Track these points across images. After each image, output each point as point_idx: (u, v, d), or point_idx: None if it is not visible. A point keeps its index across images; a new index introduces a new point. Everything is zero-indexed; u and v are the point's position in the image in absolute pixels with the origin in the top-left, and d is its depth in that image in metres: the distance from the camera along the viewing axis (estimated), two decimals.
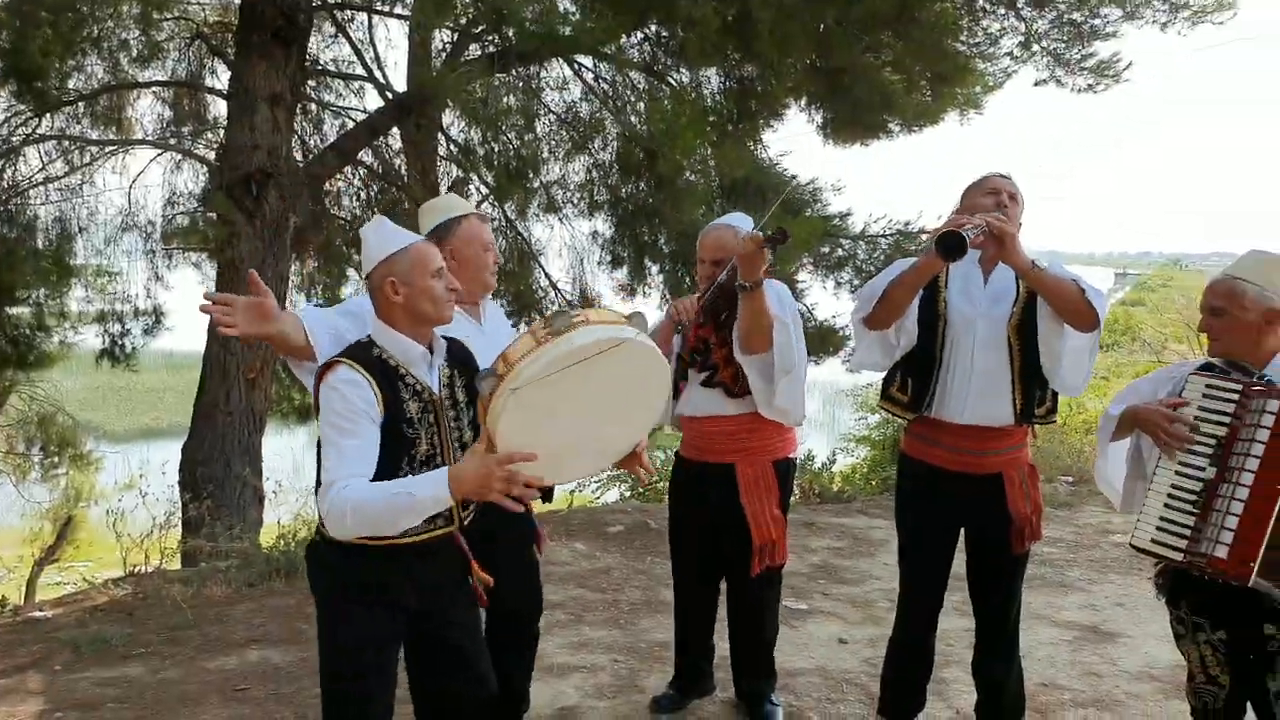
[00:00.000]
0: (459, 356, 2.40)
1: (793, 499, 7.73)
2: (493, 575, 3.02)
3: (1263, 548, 2.26)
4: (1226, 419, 2.35)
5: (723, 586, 3.58)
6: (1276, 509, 2.26)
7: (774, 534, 3.30)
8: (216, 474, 6.58)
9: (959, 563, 3.20)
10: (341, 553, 2.23)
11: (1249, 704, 2.59)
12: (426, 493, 2.04)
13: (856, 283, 7.38)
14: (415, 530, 2.21)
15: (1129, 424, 2.60)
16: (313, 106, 7.96)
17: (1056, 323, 2.84)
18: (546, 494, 3.14)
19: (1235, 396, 2.35)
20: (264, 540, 6.29)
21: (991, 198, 2.96)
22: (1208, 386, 2.40)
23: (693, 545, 3.50)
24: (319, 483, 2.22)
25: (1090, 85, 7.77)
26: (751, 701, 3.56)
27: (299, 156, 7.41)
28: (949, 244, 2.58)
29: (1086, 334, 2.83)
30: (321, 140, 7.97)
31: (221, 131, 7.05)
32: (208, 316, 2.32)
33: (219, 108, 7.87)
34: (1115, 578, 5.64)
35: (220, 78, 7.89)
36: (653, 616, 4.65)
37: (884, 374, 3.23)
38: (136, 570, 5.69)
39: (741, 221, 3.35)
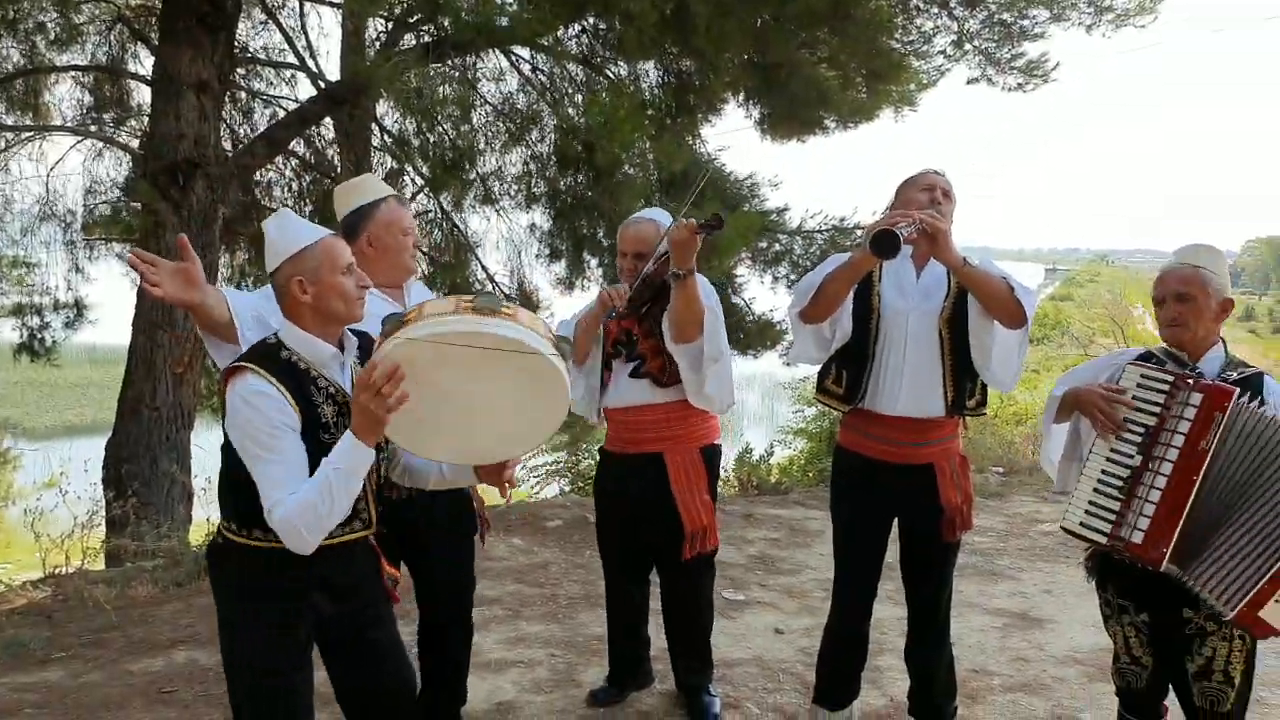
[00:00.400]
0: (369, 354, 2.29)
1: (732, 492, 7.83)
2: (428, 564, 3.05)
3: (1175, 535, 2.35)
4: (1156, 409, 2.42)
5: (655, 578, 3.58)
6: (1191, 498, 2.33)
7: (704, 520, 3.32)
8: (142, 471, 6.38)
9: (893, 552, 3.25)
10: (248, 556, 2.15)
11: (1170, 685, 2.68)
12: (345, 459, 2.00)
13: (793, 277, 7.45)
14: (331, 535, 2.12)
15: (1070, 405, 2.67)
16: (242, 95, 7.75)
17: (986, 319, 2.90)
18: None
19: (1166, 387, 2.42)
20: (194, 538, 6.13)
21: (926, 194, 3.00)
22: (1142, 376, 2.47)
23: (621, 538, 3.51)
24: (224, 482, 2.17)
25: (1020, 85, 7.96)
26: (689, 693, 3.57)
27: (228, 146, 7.22)
28: (882, 243, 2.60)
29: (1015, 330, 2.89)
30: (251, 130, 7.78)
31: (145, 119, 6.84)
32: (132, 310, 2.27)
33: (143, 94, 7.64)
34: (1044, 565, 5.79)
35: (144, 63, 7.65)
36: (591, 610, 4.64)
37: (820, 367, 3.25)
38: (57, 571, 5.49)
39: (661, 216, 3.35)
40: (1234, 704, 2.46)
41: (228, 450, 2.13)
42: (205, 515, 6.66)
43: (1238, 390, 2.34)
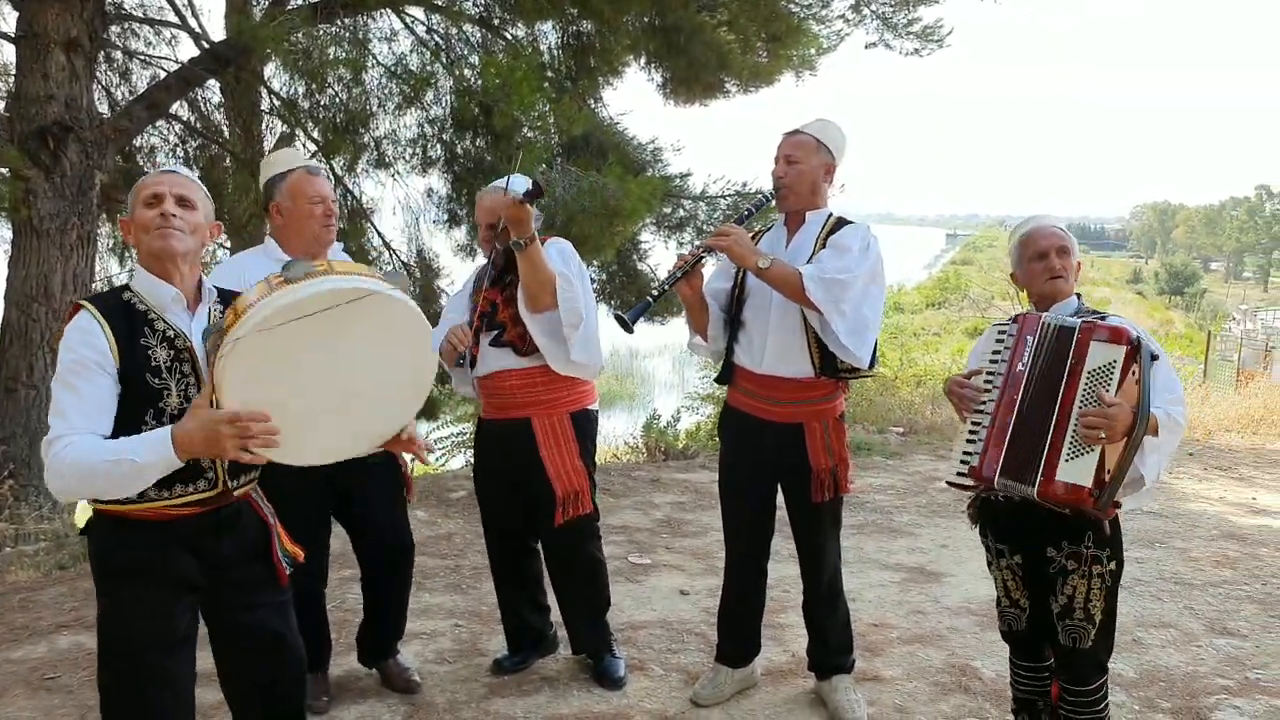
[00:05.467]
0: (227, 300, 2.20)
1: (640, 458, 7.84)
2: (364, 511, 3.20)
3: (1003, 451, 2.49)
4: (1003, 352, 2.58)
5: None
6: (1014, 416, 2.49)
7: (576, 484, 3.32)
8: (20, 452, 6.05)
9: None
10: (112, 527, 2.07)
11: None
12: (149, 457, 1.89)
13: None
14: (173, 493, 2.04)
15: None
16: (117, 55, 7.33)
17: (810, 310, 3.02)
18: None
19: (1006, 333, 2.60)
20: (78, 519, 5.86)
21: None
22: (998, 332, 2.65)
23: (499, 502, 3.51)
24: None
25: (916, 50, 8.09)
26: (593, 656, 3.57)
27: (104, 109, 6.82)
28: (619, 323, 3.02)
29: (819, 315, 2.97)
30: (129, 92, 7.36)
31: (10, 79, 6.41)
32: (3, 283, 2.21)
33: (7, 52, 7.17)
34: (941, 521, 5.97)
35: (7, 20, 7.17)
36: None
37: None
38: None
39: (515, 184, 3.28)
40: (1095, 641, 2.56)
41: None
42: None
43: (1044, 314, 2.53)
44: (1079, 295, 2.70)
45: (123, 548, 2.07)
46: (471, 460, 8.35)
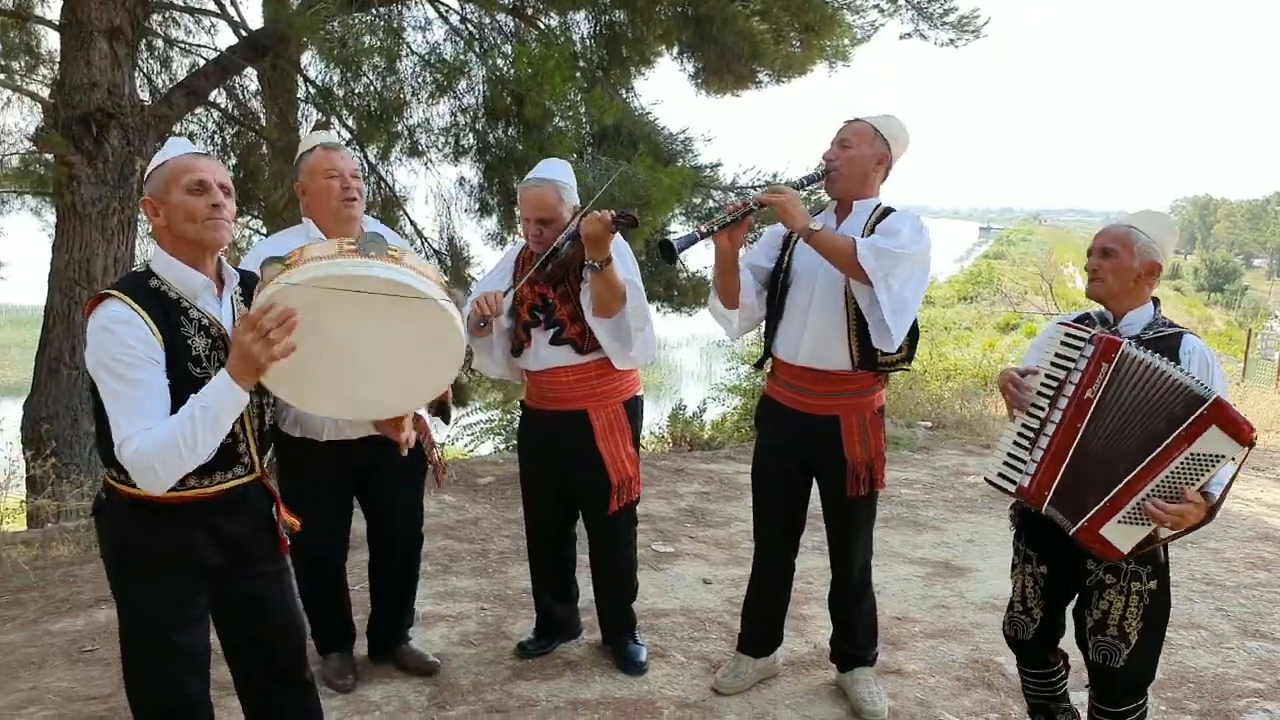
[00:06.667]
0: (252, 291, 2.21)
1: (665, 448, 7.87)
2: (380, 495, 3.25)
3: (1057, 478, 2.43)
4: (1069, 364, 2.46)
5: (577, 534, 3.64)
6: (1074, 445, 2.41)
7: (629, 471, 3.36)
8: (63, 431, 6.19)
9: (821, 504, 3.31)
10: (131, 512, 2.04)
11: (1055, 639, 2.79)
12: (218, 399, 1.90)
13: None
14: (213, 480, 2.07)
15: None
16: (158, 43, 7.44)
17: (859, 282, 2.95)
18: (444, 414, 3.23)
19: (1078, 344, 2.47)
20: None
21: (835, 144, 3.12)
22: (1065, 334, 2.51)
23: (545, 491, 3.51)
24: (101, 437, 2.03)
25: (951, 40, 8.00)
26: (616, 642, 3.61)
27: (145, 96, 6.94)
28: (663, 251, 2.84)
29: (869, 288, 2.90)
30: (170, 79, 7.47)
31: (55, 66, 6.53)
32: (48, 266, 2.23)
33: (52, 40, 7.29)
34: (968, 516, 5.95)
35: (52, 7, 7.30)
36: (520, 564, 4.65)
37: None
38: None
39: (559, 174, 3.27)
40: (1128, 661, 2.50)
41: (98, 400, 2.01)
42: None
43: (1126, 342, 2.38)
44: (1156, 302, 2.59)
45: (143, 541, 2.07)
46: (500, 447, 8.47)
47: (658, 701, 3.35)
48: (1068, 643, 2.82)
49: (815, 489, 3.31)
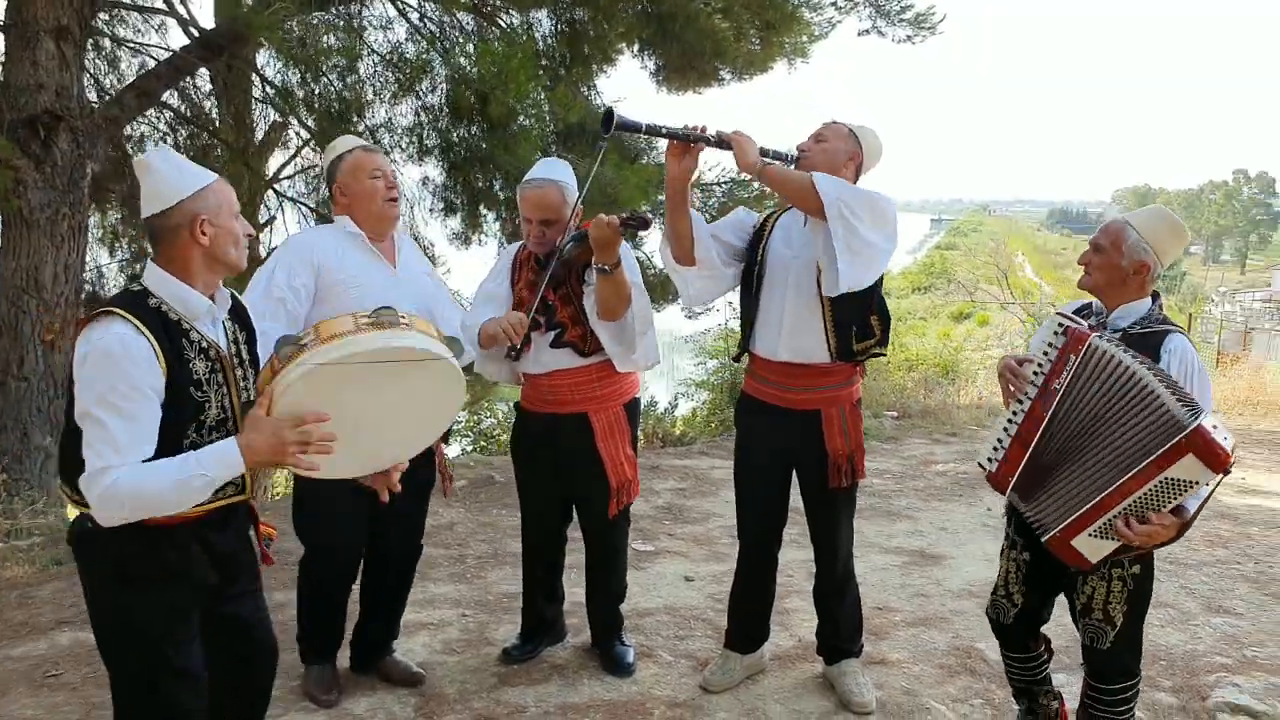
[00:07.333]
0: (240, 314, 2.21)
1: (639, 446, 7.86)
2: (387, 506, 3.11)
3: (1020, 467, 2.46)
4: (1053, 352, 2.47)
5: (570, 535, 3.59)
6: (1038, 434, 2.43)
7: (629, 474, 3.34)
8: (12, 446, 6.00)
9: (800, 497, 3.32)
10: (124, 537, 1.96)
11: (1039, 625, 2.83)
12: (219, 471, 1.89)
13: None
14: (213, 505, 2.05)
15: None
16: (105, 42, 7.24)
17: (817, 228, 2.90)
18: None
19: (1062, 331, 2.47)
20: (73, 513, 5.81)
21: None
22: (1059, 324, 2.50)
23: (543, 495, 3.48)
24: (65, 457, 1.97)
25: (909, 36, 8.07)
26: (603, 644, 3.59)
27: (93, 97, 6.75)
28: (605, 118, 2.75)
29: (823, 223, 2.84)
30: (118, 80, 7.28)
31: (0, 68, 6.33)
32: None
33: None
34: (939, 505, 6.02)
35: None
36: (500, 569, 4.61)
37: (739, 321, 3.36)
38: None
39: (560, 174, 3.25)
40: (1115, 642, 2.55)
41: (71, 413, 1.94)
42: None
43: (1094, 335, 2.39)
44: (1155, 296, 2.58)
45: (143, 556, 2.02)
46: (468, 449, 8.39)
47: (648, 702, 3.33)
48: (1052, 625, 2.87)
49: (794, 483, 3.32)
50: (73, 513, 2.08)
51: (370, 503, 3.16)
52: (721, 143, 2.93)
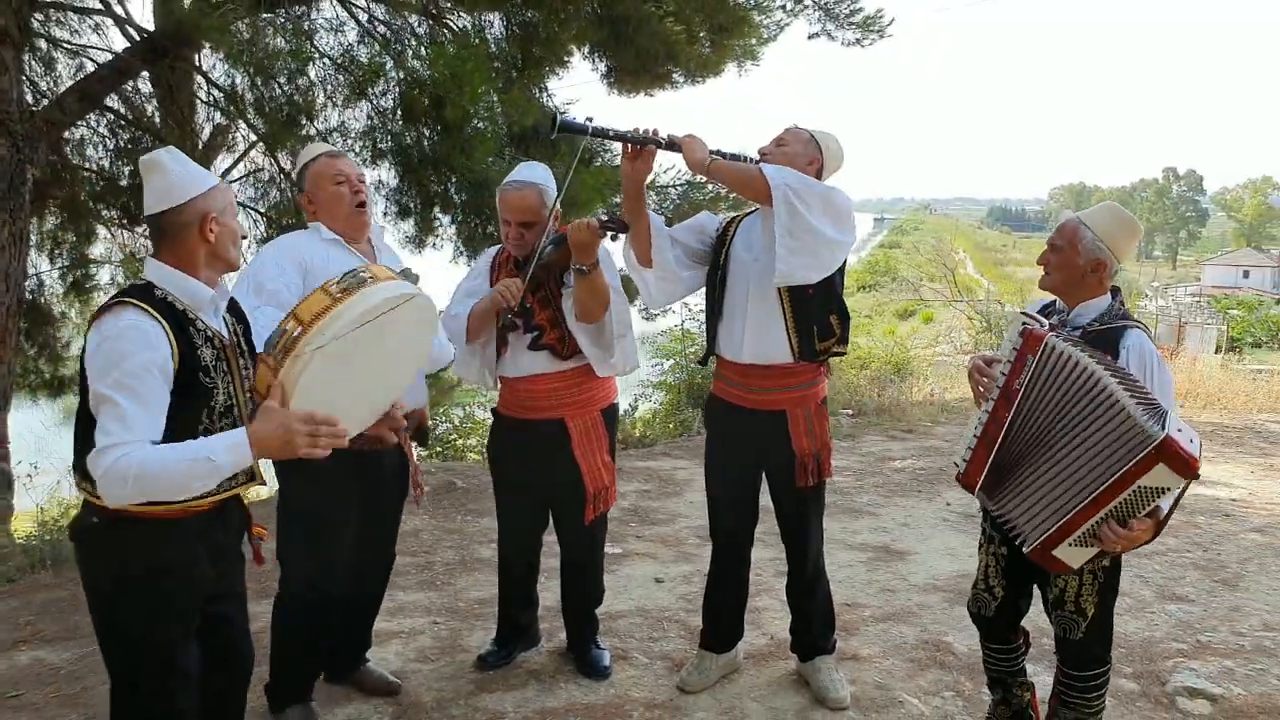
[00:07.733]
0: (234, 308, 2.28)
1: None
2: (368, 513, 3.13)
3: (986, 466, 2.51)
4: (1014, 354, 2.50)
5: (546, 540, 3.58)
6: (1001, 435, 2.47)
7: (605, 480, 3.34)
8: None
9: (769, 496, 3.35)
10: (129, 531, 2.02)
11: (1019, 616, 2.87)
12: (227, 458, 1.92)
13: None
14: (219, 497, 2.09)
15: None
16: (41, 44, 7.01)
17: (767, 221, 2.95)
18: (422, 438, 3.19)
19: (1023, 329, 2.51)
20: (19, 529, 5.65)
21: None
22: (1023, 324, 2.53)
23: (521, 501, 3.46)
24: (80, 443, 2.01)
25: (858, 40, 8.17)
26: (579, 648, 3.58)
27: (29, 100, 6.53)
28: (552, 122, 2.88)
29: (772, 209, 2.87)
30: (56, 83, 7.06)
31: None
32: None
33: None
34: (900, 500, 6.10)
35: None
36: (469, 575, 4.57)
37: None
38: None
39: (540, 177, 3.24)
40: (1087, 633, 2.62)
41: (85, 405, 2.00)
42: (32, 502, 6.15)
43: (1050, 334, 2.42)
44: (1115, 292, 2.63)
45: (146, 551, 2.05)
46: (424, 455, 8.28)
47: (626, 705, 3.33)
48: (1030, 618, 2.92)
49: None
50: (22, 527, 2.10)
51: (359, 522, 3.13)
52: (672, 145, 2.96)
